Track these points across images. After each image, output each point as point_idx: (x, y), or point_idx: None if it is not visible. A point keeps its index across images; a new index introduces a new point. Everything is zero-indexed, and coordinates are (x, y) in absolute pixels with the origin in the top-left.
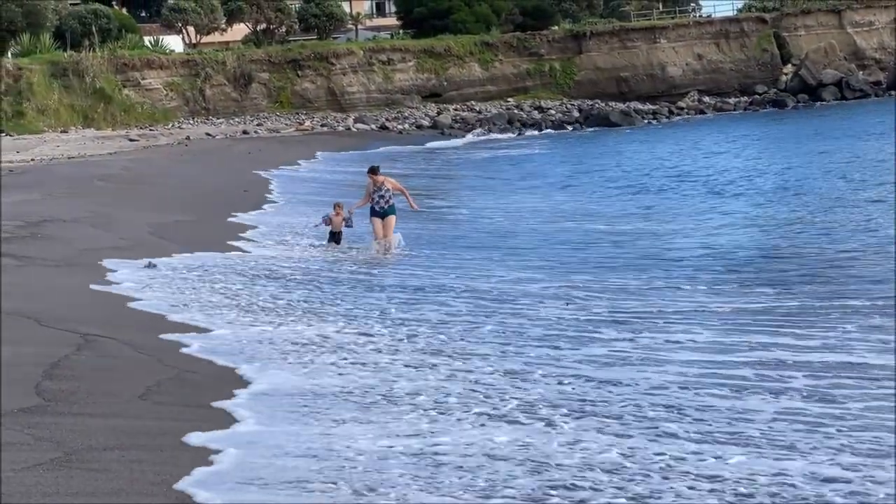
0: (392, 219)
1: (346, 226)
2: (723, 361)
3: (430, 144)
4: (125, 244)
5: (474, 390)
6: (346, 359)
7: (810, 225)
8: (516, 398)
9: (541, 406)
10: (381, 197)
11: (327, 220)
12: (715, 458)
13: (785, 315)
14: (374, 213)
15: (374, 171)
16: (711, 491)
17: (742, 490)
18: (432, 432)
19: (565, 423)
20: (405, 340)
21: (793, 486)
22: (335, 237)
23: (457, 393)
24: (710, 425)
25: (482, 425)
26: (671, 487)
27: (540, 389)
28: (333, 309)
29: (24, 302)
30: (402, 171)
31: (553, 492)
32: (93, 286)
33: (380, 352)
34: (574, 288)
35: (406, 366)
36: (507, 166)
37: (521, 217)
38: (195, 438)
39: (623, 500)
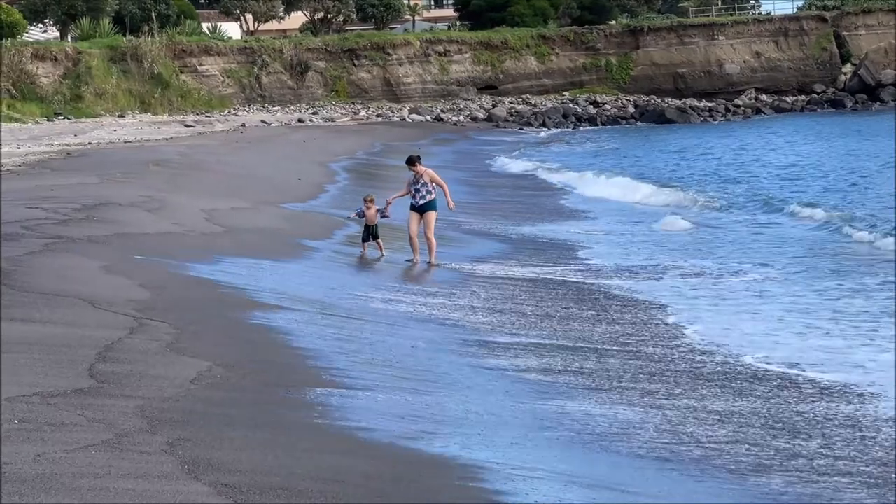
0: (432, 215)
1: (382, 216)
2: None
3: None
4: (179, 229)
5: None
6: None
7: None
8: None
9: None
10: (418, 191)
11: (360, 214)
12: None
13: None
14: (411, 206)
15: (412, 161)
16: None
17: None
18: None
19: None
20: None
21: None
22: (371, 231)
23: None
24: None
25: None
26: None
27: None
28: None
29: (79, 284)
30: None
31: None
32: (146, 269)
33: None
34: None
35: None
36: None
37: None
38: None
39: None
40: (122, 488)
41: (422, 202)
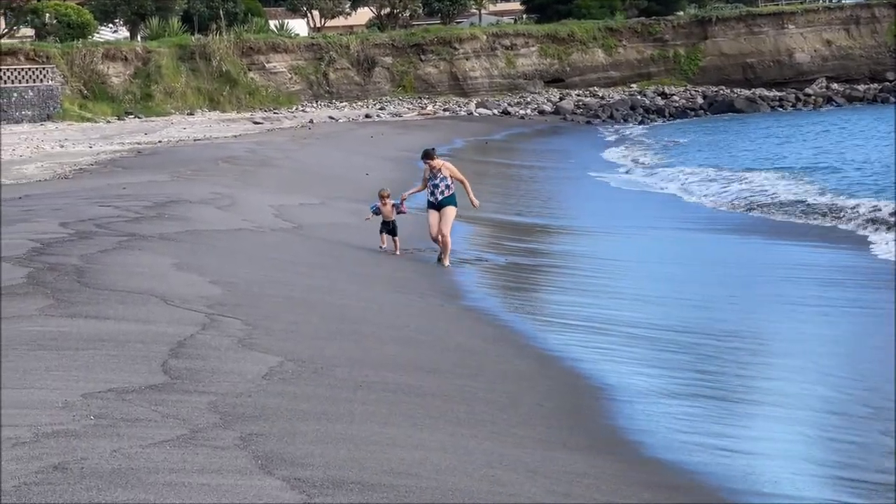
0: (450, 210)
1: (398, 212)
2: None
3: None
4: (249, 226)
5: None
6: None
7: None
8: None
9: None
10: (436, 187)
11: (376, 211)
12: None
13: None
14: (428, 204)
15: (428, 155)
16: None
17: None
18: None
19: None
20: None
21: None
22: (388, 227)
23: None
24: None
25: None
26: None
27: None
28: None
29: (151, 281)
30: None
31: None
32: (216, 266)
33: None
34: None
35: None
36: None
37: None
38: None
39: None
40: (197, 483)
41: (441, 198)
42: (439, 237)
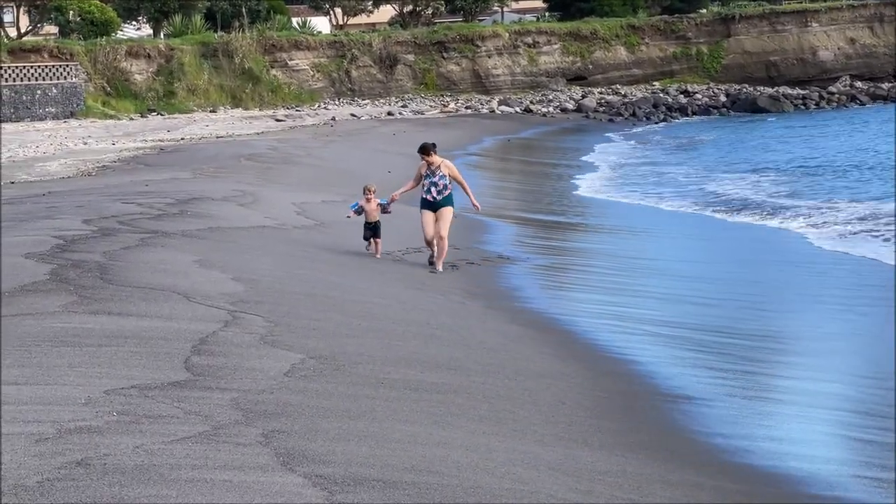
0: (448, 211)
1: (384, 212)
2: None
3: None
4: (272, 223)
5: None
6: None
7: None
8: None
9: None
10: (434, 185)
11: (358, 210)
12: None
13: None
14: (423, 204)
15: (426, 150)
16: None
17: None
18: None
19: None
20: None
21: None
22: (371, 228)
23: None
24: None
25: None
26: None
27: None
28: None
29: (173, 278)
30: None
31: None
32: (238, 263)
33: None
34: None
35: None
36: None
37: None
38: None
39: None
40: (219, 479)
41: (440, 198)
42: (435, 240)
